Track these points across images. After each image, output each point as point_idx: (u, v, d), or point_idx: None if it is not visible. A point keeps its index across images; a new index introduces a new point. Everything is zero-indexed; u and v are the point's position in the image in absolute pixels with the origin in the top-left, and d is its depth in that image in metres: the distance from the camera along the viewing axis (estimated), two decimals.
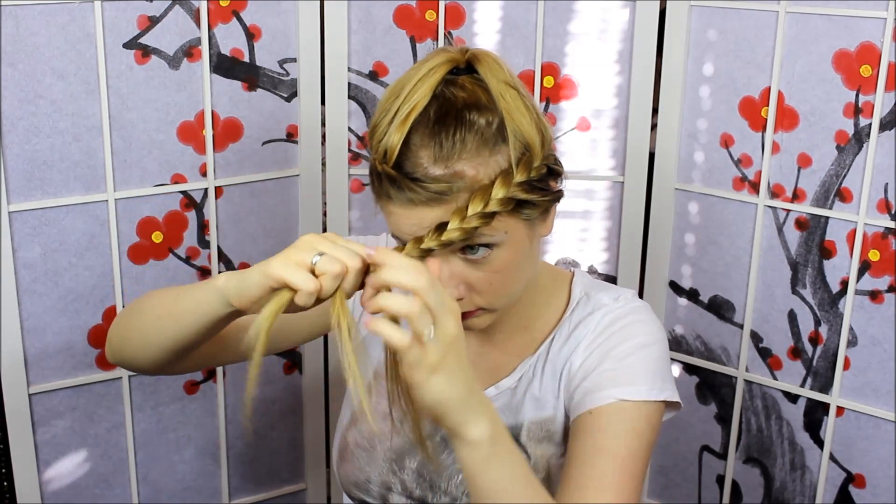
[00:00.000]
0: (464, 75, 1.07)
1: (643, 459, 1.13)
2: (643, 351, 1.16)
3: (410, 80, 1.06)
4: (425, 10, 1.65)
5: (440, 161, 1.03)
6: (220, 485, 1.76)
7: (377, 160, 1.06)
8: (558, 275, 1.27)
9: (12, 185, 1.49)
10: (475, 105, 1.05)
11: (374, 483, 1.26)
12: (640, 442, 1.12)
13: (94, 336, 1.60)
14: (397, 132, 1.03)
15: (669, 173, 1.71)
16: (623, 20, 1.66)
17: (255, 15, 1.60)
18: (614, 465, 1.10)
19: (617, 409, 1.13)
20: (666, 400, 1.16)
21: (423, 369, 0.92)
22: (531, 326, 1.23)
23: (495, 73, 1.07)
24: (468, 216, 1.02)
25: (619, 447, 1.11)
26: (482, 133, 1.04)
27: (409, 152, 1.04)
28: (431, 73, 1.05)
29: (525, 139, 1.05)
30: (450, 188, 1.02)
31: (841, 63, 1.52)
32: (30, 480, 1.59)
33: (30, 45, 1.45)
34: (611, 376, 1.15)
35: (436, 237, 1.02)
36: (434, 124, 1.03)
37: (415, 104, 1.04)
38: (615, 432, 1.12)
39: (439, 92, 1.05)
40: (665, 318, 1.77)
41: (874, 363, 1.59)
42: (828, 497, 1.67)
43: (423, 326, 0.91)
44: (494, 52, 1.10)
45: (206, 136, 1.61)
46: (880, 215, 1.54)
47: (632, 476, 1.10)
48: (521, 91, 1.07)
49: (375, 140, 1.06)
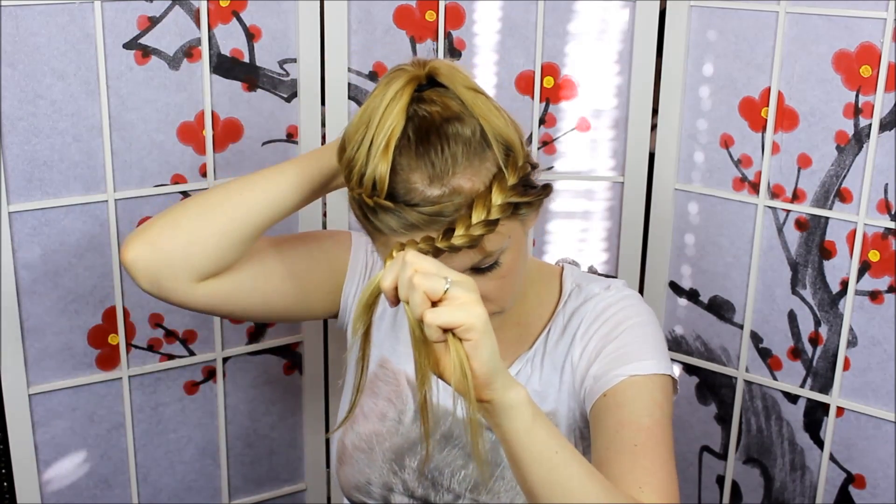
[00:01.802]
0: (428, 90, 1.06)
1: (667, 428, 1.11)
2: (641, 329, 1.17)
3: (378, 107, 1.03)
4: (425, 10, 1.65)
5: (436, 181, 1.02)
6: (220, 485, 1.76)
7: (365, 194, 1.03)
8: (546, 269, 1.28)
9: (12, 185, 1.49)
10: (453, 117, 1.04)
11: (374, 485, 1.26)
12: (661, 411, 1.12)
13: (94, 336, 1.60)
14: (382, 161, 1.01)
15: (669, 173, 1.70)
16: (623, 20, 1.66)
17: (255, 15, 1.60)
18: (641, 434, 1.08)
19: (630, 384, 1.13)
20: (671, 377, 1.16)
21: (481, 326, 0.89)
22: (523, 321, 1.23)
23: (459, 80, 1.06)
24: (472, 224, 1.02)
25: (642, 417, 1.10)
26: (468, 143, 1.03)
27: (399, 178, 1.02)
28: (399, 95, 1.03)
29: (506, 140, 1.06)
30: (450, 206, 1.02)
31: (841, 63, 1.52)
32: (30, 481, 1.59)
33: (30, 46, 1.45)
34: (616, 357, 1.15)
35: (445, 240, 1.02)
36: (417, 145, 1.02)
37: (391, 129, 1.02)
38: (635, 406, 1.11)
39: (412, 112, 1.03)
40: (665, 318, 1.77)
41: (874, 363, 1.59)
42: (828, 497, 1.67)
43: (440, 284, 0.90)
44: (449, 61, 1.09)
45: (206, 136, 1.61)
46: (880, 216, 1.54)
47: (662, 442, 1.09)
48: (485, 94, 1.07)
49: (356, 174, 1.04)
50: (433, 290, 0.89)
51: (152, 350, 1.65)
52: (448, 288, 0.89)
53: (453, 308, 0.89)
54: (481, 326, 0.89)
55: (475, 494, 1.22)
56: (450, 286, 0.89)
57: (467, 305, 0.89)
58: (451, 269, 0.91)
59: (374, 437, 1.26)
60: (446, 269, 0.91)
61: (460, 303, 0.89)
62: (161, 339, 1.65)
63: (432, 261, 0.91)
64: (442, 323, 0.89)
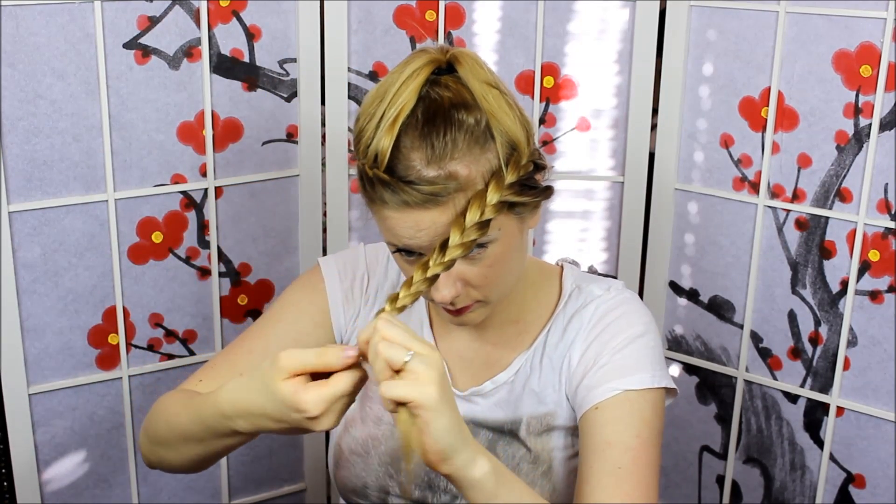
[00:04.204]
0: (446, 75, 1.07)
1: (655, 447, 1.14)
2: (640, 340, 1.18)
3: (394, 83, 1.05)
4: (425, 10, 1.65)
5: (433, 162, 1.03)
6: (220, 485, 1.76)
7: (367, 165, 1.05)
8: (546, 268, 1.28)
9: (12, 185, 1.49)
10: (462, 104, 1.05)
11: (371, 488, 1.26)
12: (650, 430, 1.14)
13: (93, 336, 1.60)
14: (387, 136, 1.03)
15: (669, 173, 1.70)
16: (623, 20, 1.66)
17: (255, 15, 1.60)
18: (627, 456, 1.11)
19: (622, 400, 1.14)
20: (665, 387, 1.17)
21: (430, 405, 0.93)
22: (522, 319, 1.23)
23: (476, 73, 1.07)
24: (467, 228, 1.02)
25: (630, 438, 1.12)
26: (472, 131, 1.04)
27: (400, 155, 1.03)
28: (415, 74, 1.05)
29: (511, 138, 1.06)
30: (444, 189, 1.02)
31: (841, 63, 1.52)
32: (30, 480, 1.59)
33: (30, 45, 1.45)
34: (612, 369, 1.16)
35: (440, 259, 1.02)
36: (423, 126, 1.03)
37: (401, 107, 1.03)
38: (624, 424, 1.13)
39: (424, 93, 1.05)
40: (665, 318, 1.77)
41: (874, 363, 1.59)
42: (828, 497, 1.67)
43: (401, 356, 0.93)
44: (474, 52, 1.10)
45: (206, 136, 1.61)
46: (880, 215, 1.54)
47: (647, 465, 1.11)
48: (502, 89, 1.08)
49: (363, 145, 1.06)
50: (393, 360, 0.93)
51: (152, 350, 1.65)
52: (408, 360, 0.92)
53: (407, 382, 0.92)
54: (432, 405, 0.92)
55: None
56: (410, 359, 0.92)
57: (421, 383, 0.92)
58: (420, 340, 0.94)
59: (370, 440, 1.26)
60: (414, 339, 0.94)
61: (415, 378, 0.92)
62: (161, 339, 1.65)
63: (400, 329, 0.94)
64: (392, 396, 0.92)
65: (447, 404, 0.94)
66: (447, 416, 0.94)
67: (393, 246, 1.10)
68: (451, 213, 1.03)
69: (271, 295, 1.73)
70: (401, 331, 0.94)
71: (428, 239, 1.05)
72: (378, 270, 1.29)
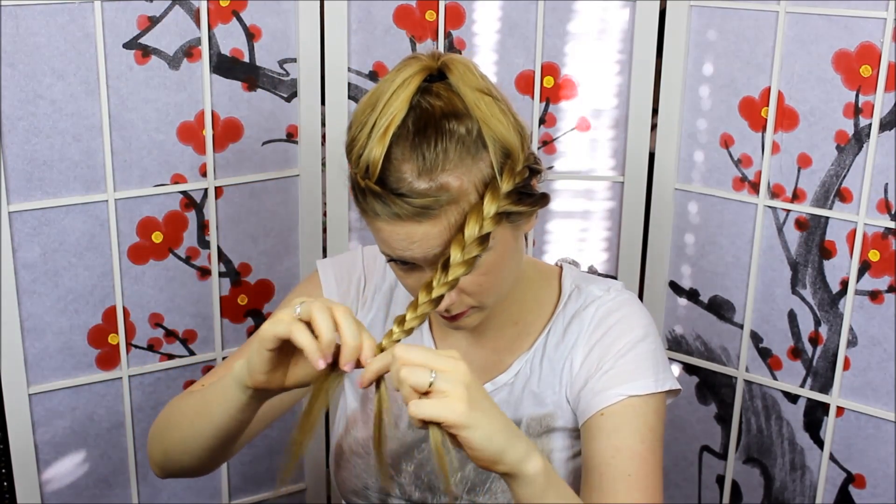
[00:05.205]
0: (437, 82, 1.06)
1: (659, 451, 1.15)
2: (642, 344, 1.18)
3: (385, 91, 1.04)
4: (425, 10, 1.65)
5: (424, 174, 1.02)
6: (220, 485, 1.76)
7: (359, 175, 1.04)
8: (545, 269, 1.27)
9: (12, 185, 1.49)
10: (453, 113, 1.03)
11: (371, 489, 1.26)
12: (654, 435, 1.15)
13: (93, 336, 1.60)
14: (378, 146, 1.01)
15: (669, 173, 1.70)
16: (623, 20, 1.66)
17: (255, 15, 1.60)
18: (635, 462, 1.11)
19: (627, 406, 1.14)
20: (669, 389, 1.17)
21: (461, 422, 0.93)
22: (521, 321, 1.23)
23: (467, 80, 1.05)
24: (468, 245, 1.02)
25: (636, 444, 1.12)
26: (463, 141, 1.03)
27: (391, 167, 1.02)
28: (406, 83, 1.04)
29: (505, 145, 1.05)
30: (436, 202, 1.01)
31: (841, 63, 1.52)
32: (30, 480, 1.59)
33: (30, 45, 1.45)
34: (616, 374, 1.16)
35: (443, 279, 1.02)
36: (414, 136, 1.02)
37: (392, 116, 1.02)
38: (630, 430, 1.13)
39: (416, 102, 1.03)
40: (665, 318, 1.77)
41: (874, 363, 1.59)
42: (828, 497, 1.67)
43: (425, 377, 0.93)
44: (466, 58, 1.08)
45: (206, 136, 1.61)
46: (880, 215, 1.54)
47: (653, 469, 1.13)
48: (494, 95, 1.07)
49: (355, 154, 1.05)
50: (418, 385, 0.93)
51: (152, 350, 1.65)
52: (433, 381, 0.93)
53: (434, 403, 0.92)
54: (463, 421, 0.92)
55: (472, 496, 1.22)
56: (434, 378, 0.93)
57: (449, 401, 0.92)
58: (440, 355, 0.94)
59: (371, 442, 1.26)
60: (435, 356, 0.94)
61: (442, 397, 0.93)
62: (161, 338, 1.65)
63: (419, 351, 0.95)
64: (423, 416, 0.93)
65: (481, 413, 0.94)
66: (484, 424, 0.94)
67: (387, 255, 1.09)
68: (443, 225, 1.02)
69: (271, 295, 1.73)
70: (420, 352, 0.95)
71: (421, 251, 1.04)
72: (376, 272, 1.29)
